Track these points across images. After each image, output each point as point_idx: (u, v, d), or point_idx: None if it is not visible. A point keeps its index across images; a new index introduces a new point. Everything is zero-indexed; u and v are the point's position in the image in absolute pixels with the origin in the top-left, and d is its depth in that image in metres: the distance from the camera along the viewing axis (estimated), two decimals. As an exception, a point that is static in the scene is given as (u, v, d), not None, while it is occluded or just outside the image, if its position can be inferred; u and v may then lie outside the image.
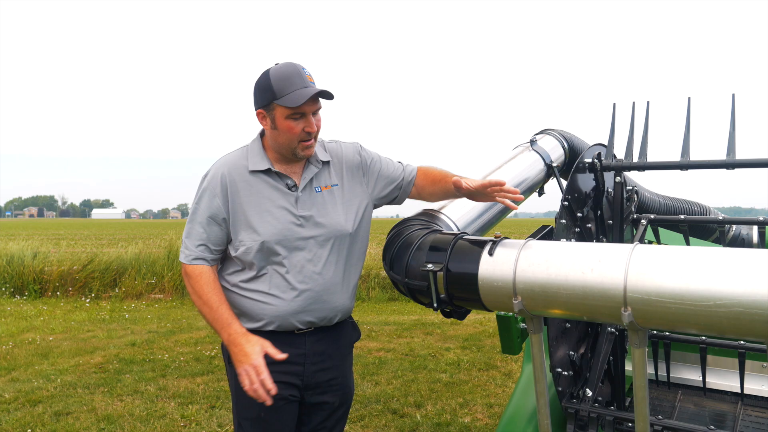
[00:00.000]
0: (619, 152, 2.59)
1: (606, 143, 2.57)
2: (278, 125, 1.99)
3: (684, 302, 1.40)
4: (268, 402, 1.94)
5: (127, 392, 5.05)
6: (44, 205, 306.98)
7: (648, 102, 2.54)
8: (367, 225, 2.22)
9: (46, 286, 10.63)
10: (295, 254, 2.03)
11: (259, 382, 1.92)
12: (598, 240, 2.55)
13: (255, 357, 1.94)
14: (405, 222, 2.11)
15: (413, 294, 1.95)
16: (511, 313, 2.06)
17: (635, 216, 2.85)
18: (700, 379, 2.87)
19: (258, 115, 2.03)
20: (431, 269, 1.80)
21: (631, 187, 2.85)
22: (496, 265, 1.71)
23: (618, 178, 2.53)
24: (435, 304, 1.84)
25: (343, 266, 2.14)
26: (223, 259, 2.13)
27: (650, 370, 3.10)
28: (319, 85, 2.00)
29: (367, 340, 7.10)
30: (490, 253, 1.73)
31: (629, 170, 2.49)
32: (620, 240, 2.60)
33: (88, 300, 10.11)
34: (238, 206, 2.03)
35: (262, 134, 2.13)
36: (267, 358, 1.98)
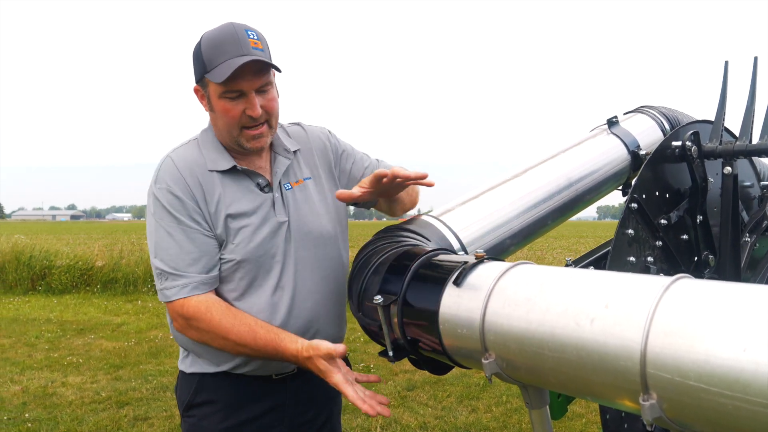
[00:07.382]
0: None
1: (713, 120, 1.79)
2: (214, 106, 1.55)
3: (755, 400, 0.71)
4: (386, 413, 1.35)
5: (210, 400, 4.92)
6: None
7: (778, 55, 1.72)
8: (347, 226, 1.76)
9: (186, 284, 11.26)
10: (274, 273, 1.58)
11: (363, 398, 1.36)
12: (700, 258, 1.78)
13: (331, 375, 1.39)
14: (381, 232, 1.54)
15: (372, 335, 1.38)
16: None
17: (772, 223, 2.00)
18: None
19: (195, 92, 1.60)
20: (379, 302, 1.23)
21: (766, 183, 2.01)
22: (462, 302, 1.10)
23: (728, 169, 1.72)
24: (390, 352, 1.27)
25: (332, 282, 1.67)
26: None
27: None
28: (260, 54, 1.48)
29: (477, 357, 6.43)
30: (457, 283, 1.12)
31: (744, 156, 1.68)
32: (736, 259, 1.79)
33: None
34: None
35: None
36: (236, 409, 1.61)
